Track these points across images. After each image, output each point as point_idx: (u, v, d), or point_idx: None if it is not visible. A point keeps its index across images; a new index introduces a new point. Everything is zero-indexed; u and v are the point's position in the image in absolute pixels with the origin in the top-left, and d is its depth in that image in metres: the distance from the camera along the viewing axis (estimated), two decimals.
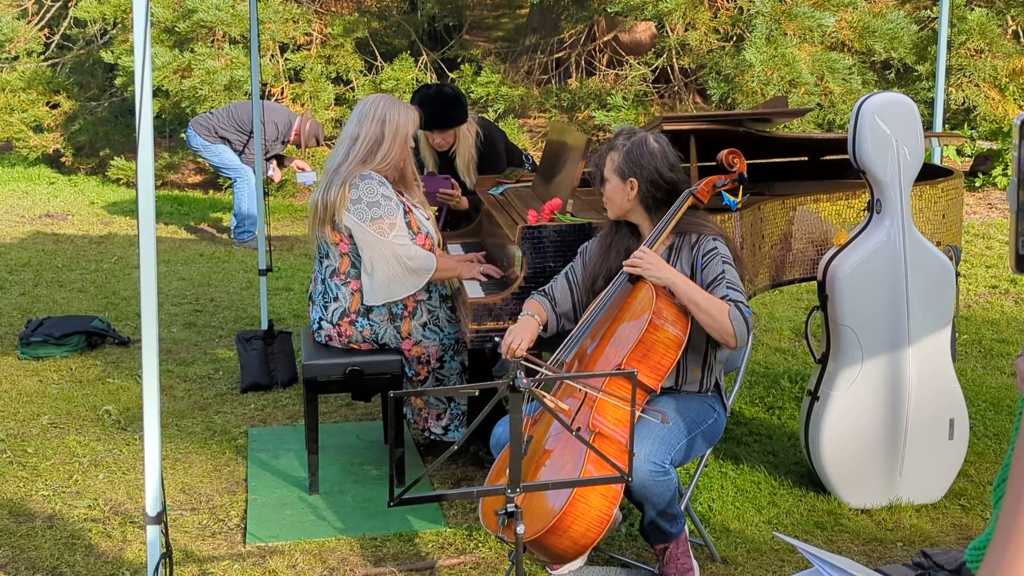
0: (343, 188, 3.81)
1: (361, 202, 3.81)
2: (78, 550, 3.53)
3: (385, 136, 3.88)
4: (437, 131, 4.73)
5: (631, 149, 3.26)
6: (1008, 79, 8.90)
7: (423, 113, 4.72)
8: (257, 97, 5.53)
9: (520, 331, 3.31)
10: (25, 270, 7.20)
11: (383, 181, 3.87)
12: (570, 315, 3.44)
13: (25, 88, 10.61)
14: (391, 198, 3.86)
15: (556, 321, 3.44)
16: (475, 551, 3.52)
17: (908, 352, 3.72)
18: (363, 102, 3.99)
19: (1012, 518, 0.83)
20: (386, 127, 3.88)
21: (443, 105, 4.69)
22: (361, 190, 3.82)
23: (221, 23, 9.20)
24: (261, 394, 4.97)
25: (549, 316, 3.43)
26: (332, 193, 3.83)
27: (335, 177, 3.86)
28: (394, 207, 3.85)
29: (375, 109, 3.90)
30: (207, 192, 10.11)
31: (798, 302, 6.42)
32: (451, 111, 4.69)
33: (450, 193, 4.71)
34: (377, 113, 3.89)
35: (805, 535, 3.60)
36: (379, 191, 3.83)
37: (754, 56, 7.96)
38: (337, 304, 3.96)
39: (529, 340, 3.29)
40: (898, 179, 3.70)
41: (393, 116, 3.89)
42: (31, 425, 4.58)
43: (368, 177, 3.84)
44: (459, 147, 4.79)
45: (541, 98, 10.15)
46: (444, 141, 4.78)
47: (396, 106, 3.94)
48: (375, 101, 3.95)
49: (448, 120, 4.70)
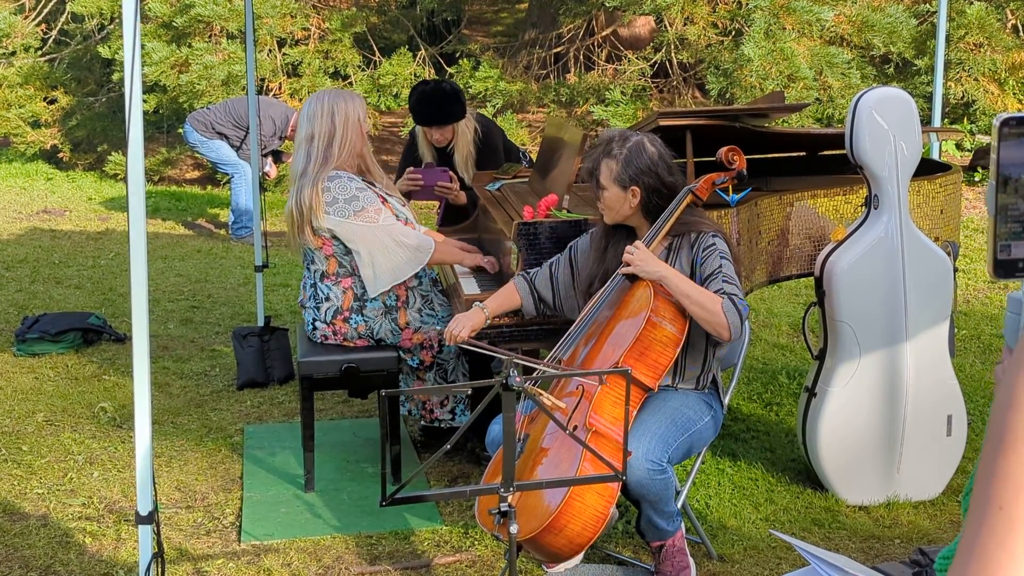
0: (314, 191, 3.81)
1: (338, 201, 3.81)
2: (72, 549, 3.51)
3: (337, 127, 3.88)
4: (436, 127, 4.72)
5: (630, 157, 3.22)
6: (1007, 73, 8.87)
7: (421, 112, 4.72)
8: (253, 92, 5.51)
9: (464, 319, 3.46)
10: (22, 266, 7.18)
11: (352, 177, 3.87)
12: (548, 302, 3.50)
13: (22, 83, 10.57)
14: (365, 189, 3.87)
15: (534, 304, 3.51)
16: (471, 549, 3.50)
17: (906, 348, 3.71)
18: (308, 102, 3.99)
19: (976, 530, 0.82)
20: (336, 119, 3.88)
21: (441, 101, 4.67)
22: (335, 191, 3.81)
23: (218, 18, 9.17)
24: (257, 391, 4.95)
25: (524, 298, 3.51)
26: (305, 197, 3.82)
27: (304, 181, 3.86)
28: (372, 196, 3.86)
29: (321, 105, 3.90)
30: (204, 188, 10.08)
31: (796, 297, 6.41)
32: (449, 107, 4.68)
33: (448, 187, 4.70)
34: (324, 108, 3.89)
35: (802, 532, 3.59)
36: (351, 186, 3.84)
37: (752, 51, 7.94)
38: (329, 303, 3.95)
39: (471, 328, 3.42)
40: (896, 174, 3.68)
41: (341, 107, 3.90)
42: (26, 422, 4.57)
43: (336, 176, 3.84)
44: (457, 143, 4.78)
45: (540, 93, 10.12)
46: (443, 137, 4.77)
47: (340, 96, 3.95)
48: (319, 97, 3.96)
49: (446, 116, 4.69)
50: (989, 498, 0.82)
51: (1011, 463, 0.81)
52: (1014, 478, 0.81)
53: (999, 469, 0.82)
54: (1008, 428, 0.82)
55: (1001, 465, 0.82)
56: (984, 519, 0.81)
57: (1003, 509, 0.81)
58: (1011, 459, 0.81)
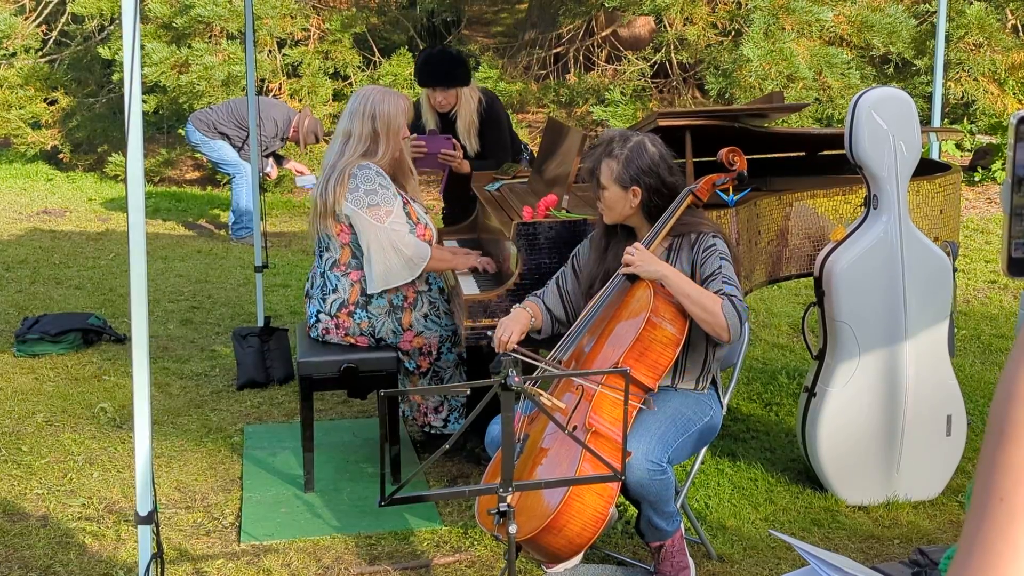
0: (342, 178, 3.84)
1: (359, 190, 3.84)
2: (72, 549, 3.51)
3: (378, 133, 3.91)
4: (439, 88, 4.73)
5: (631, 157, 3.22)
6: (1007, 73, 8.87)
7: (425, 72, 4.74)
8: (252, 92, 5.51)
9: (510, 323, 3.28)
10: (22, 267, 7.18)
11: (381, 171, 3.89)
12: (563, 319, 3.43)
13: (23, 84, 10.58)
14: (388, 187, 3.88)
15: (550, 323, 3.42)
16: (471, 549, 3.50)
17: (905, 348, 3.71)
18: (354, 96, 4.03)
19: (978, 522, 0.82)
20: (377, 123, 3.91)
21: (445, 62, 4.76)
22: (359, 179, 3.85)
23: (218, 18, 9.17)
24: (257, 391, 4.95)
25: (544, 318, 3.41)
26: (331, 186, 3.86)
27: (332, 172, 3.89)
28: (391, 196, 3.88)
29: (364, 104, 3.92)
30: (205, 188, 10.09)
31: (796, 297, 6.41)
32: (453, 69, 4.73)
33: (452, 154, 4.69)
34: (367, 109, 3.91)
35: (802, 532, 3.59)
36: (377, 180, 3.86)
37: (752, 51, 7.94)
38: (336, 295, 3.96)
39: (520, 332, 3.26)
40: (895, 174, 3.68)
41: (383, 111, 3.91)
42: (26, 423, 4.57)
43: (366, 167, 3.88)
44: (460, 110, 4.79)
45: (539, 93, 10.13)
46: (446, 100, 4.77)
47: (385, 98, 3.95)
48: (365, 95, 3.97)
49: (449, 77, 4.71)
50: (990, 490, 0.82)
51: (1012, 455, 0.81)
52: (1015, 469, 0.81)
53: (1000, 461, 0.82)
54: (1008, 420, 0.83)
55: (1002, 457, 0.82)
56: (985, 511, 0.82)
57: (1004, 500, 0.81)
58: (1012, 451, 0.82)
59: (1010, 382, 0.85)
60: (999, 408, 0.85)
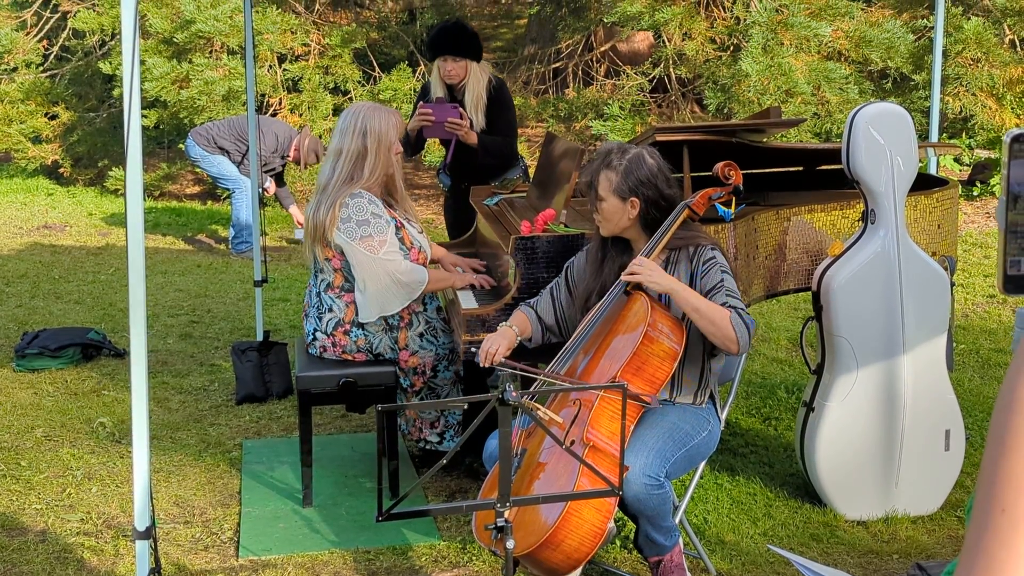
0: (333, 208, 3.82)
1: (351, 220, 3.82)
2: (70, 564, 3.51)
3: (368, 149, 3.89)
4: (450, 57, 4.75)
5: (629, 168, 3.23)
6: (1005, 88, 8.89)
7: (439, 39, 4.77)
8: (252, 108, 5.53)
9: (497, 337, 3.35)
10: (22, 281, 7.19)
11: (373, 199, 3.87)
12: (554, 330, 3.45)
13: (23, 99, 10.61)
14: (380, 215, 3.86)
15: (541, 334, 3.45)
16: (469, 564, 3.50)
17: (903, 363, 3.71)
18: (345, 113, 4.00)
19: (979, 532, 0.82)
20: (368, 139, 3.89)
21: (458, 33, 4.81)
22: (351, 209, 3.83)
23: (219, 34, 9.20)
24: (256, 406, 4.95)
25: (534, 327, 3.44)
26: (322, 213, 3.85)
27: (323, 197, 3.88)
28: (384, 224, 3.85)
29: (355, 121, 3.91)
30: (204, 203, 10.10)
31: (795, 312, 6.41)
32: (467, 39, 4.78)
33: (458, 123, 4.69)
34: (358, 125, 3.89)
35: (800, 547, 3.59)
36: (368, 209, 3.84)
37: (750, 66, 7.96)
38: (332, 315, 3.95)
39: (507, 347, 3.32)
40: (892, 189, 3.69)
41: (374, 127, 3.89)
42: (25, 438, 4.57)
43: (358, 195, 3.85)
44: (469, 83, 4.81)
45: (539, 108, 10.15)
46: (456, 71, 4.78)
47: (376, 114, 3.94)
48: (355, 112, 3.96)
49: (461, 47, 4.75)
50: (992, 501, 0.82)
51: (1013, 466, 0.82)
52: (1016, 480, 0.81)
53: (1001, 472, 0.82)
54: (1009, 431, 0.83)
55: (1003, 467, 0.82)
56: (988, 522, 0.82)
57: (1006, 511, 0.81)
58: (1013, 461, 0.82)
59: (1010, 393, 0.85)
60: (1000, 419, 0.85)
